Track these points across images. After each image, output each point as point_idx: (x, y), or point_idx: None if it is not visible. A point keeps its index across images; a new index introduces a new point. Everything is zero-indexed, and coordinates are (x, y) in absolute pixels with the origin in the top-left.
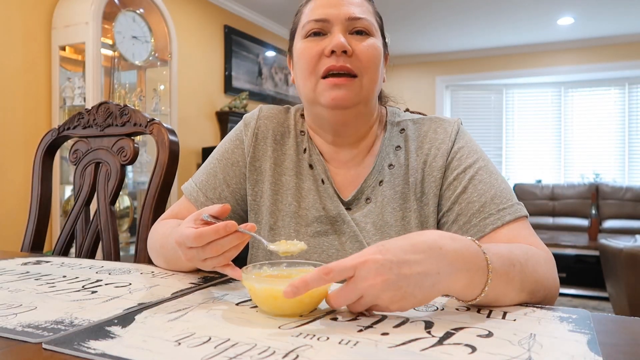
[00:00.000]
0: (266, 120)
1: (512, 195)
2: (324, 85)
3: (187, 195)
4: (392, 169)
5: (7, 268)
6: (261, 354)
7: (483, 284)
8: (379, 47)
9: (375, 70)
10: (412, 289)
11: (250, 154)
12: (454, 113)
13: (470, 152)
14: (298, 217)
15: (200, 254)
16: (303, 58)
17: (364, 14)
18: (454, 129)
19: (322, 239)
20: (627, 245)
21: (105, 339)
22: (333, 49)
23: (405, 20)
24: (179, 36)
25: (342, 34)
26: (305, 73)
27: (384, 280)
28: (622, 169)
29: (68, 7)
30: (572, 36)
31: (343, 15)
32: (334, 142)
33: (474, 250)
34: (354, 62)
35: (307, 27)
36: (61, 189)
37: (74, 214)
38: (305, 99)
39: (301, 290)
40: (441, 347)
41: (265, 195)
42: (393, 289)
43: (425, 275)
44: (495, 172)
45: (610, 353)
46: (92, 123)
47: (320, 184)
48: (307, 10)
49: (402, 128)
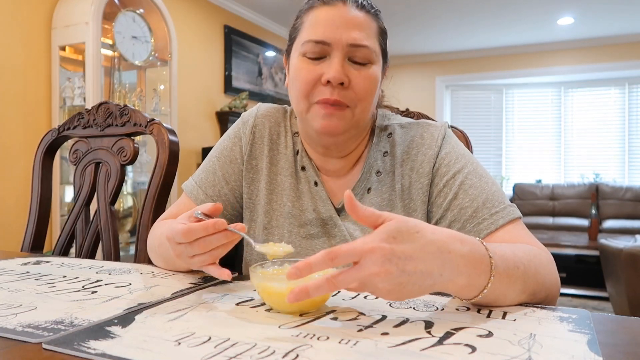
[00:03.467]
0: (264, 119)
1: (503, 197)
2: (316, 110)
3: (187, 192)
4: (380, 176)
5: (7, 268)
6: (261, 354)
7: (483, 286)
8: (376, 77)
9: (370, 100)
10: (412, 286)
11: (247, 152)
12: (453, 113)
13: (457, 156)
14: (292, 217)
15: (188, 250)
16: (299, 80)
17: (367, 40)
18: (440, 134)
19: (313, 242)
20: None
21: (105, 339)
22: (330, 80)
23: (405, 20)
24: (179, 36)
25: (341, 62)
26: (299, 95)
27: (387, 273)
28: (622, 169)
29: (68, 7)
30: (572, 36)
31: (345, 40)
32: (324, 154)
33: (481, 254)
34: (349, 93)
35: (306, 46)
36: (61, 189)
37: (74, 214)
38: (298, 115)
39: (304, 272)
40: (441, 347)
41: (261, 195)
42: (393, 283)
43: (427, 275)
44: (485, 175)
45: (610, 353)
46: (92, 123)
47: (313, 186)
48: (307, 20)
49: (389, 132)
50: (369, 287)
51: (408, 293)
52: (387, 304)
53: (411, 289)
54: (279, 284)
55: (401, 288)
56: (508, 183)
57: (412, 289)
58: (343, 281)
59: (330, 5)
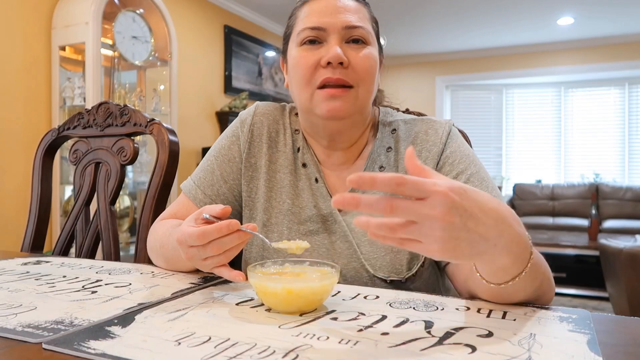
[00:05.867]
0: (262, 117)
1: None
2: (320, 96)
3: (186, 192)
4: (383, 171)
5: (7, 268)
6: (261, 354)
7: (517, 274)
8: (375, 57)
9: (371, 80)
10: (466, 244)
11: (246, 151)
12: (453, 113)
13: (462, 157)
14: (291, 214)
15: (201, 253)
16: (299, 67)
17: (361, 22)
18: (445, 131)
19: (313, 238)
20: (627, 245)
21: (105, 339)
22: (329, 61)
23: (405, 20)
24: (179, 36)
25: (338, 44)
26: (301, 83)
27: (449, 222)
28: (622, 169)
29: (68, 7)
30: (572, 36)
31: (340, 23)
32: (328, 147)
33: (527, 241)
34: (350, 73)
35: (302, 34)
36: (61, 189)
37: (74, 214)
38: (301, 108)
39: (365, 184)
40: (441, 347)
41: (260, 192)
42: (451, 234)
43: (483, 240)
44: (487, 179)
45: (610, 353)
46: (92, 123)
47: (314, 183)
48: (302, 15)
49: (393, 128)
50: (424, 230)
51: (461, 251)
52: (387, 304)
53: (464, 247)
54: (276, 284)
55: (457, 243)
56: (508, 183)
57: (465, 248)
58: (405, 209)
59: None
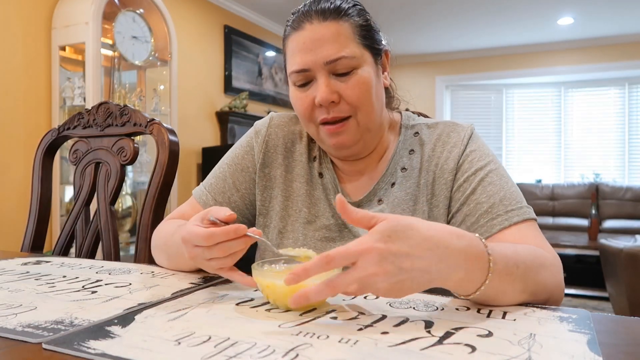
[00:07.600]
0: (277, 129)
1: (521, 198)
2: (324, 132)
3: (197, 197)
4: (405, 172)
5: (7, 268)
6: (261, 353)
7: (481, 282)
8: (366, 77)
9: (369, 102)
10: (410, 282)
11: (260, 161)
12: (454, 113)
13: (482, 155)
14: (307, 223)
15: (205, 254)
16: (297, 107)
17: (341, 50)
18: (467, 134)
19: (328, 244)
20: (627, 245)
21: (105, 339)
22: (320, 103)
23: (405, 20)
24: (179, 36)
25: (325, 82)
26: (304, 120)
27: (385, 272)
28: (622, 169)
29: (68, 7)
30: (572, 36)
31: (320, 60)
32: (344, 159)
33: (479, 250)
34: (344, 107)
35: (292, 77)
36: (61, 189)
37: (74, 214)
38: (311, 137)
39: (302, 277)
40: (441, 347)
41: (275, 201)
42: (392, 281)
43: (425, 272)
44: (506, 176)
45: (610, 353)
46: (92, 123)
47: (330, 193)
48: (289, 51)
49: (416, 131)
50: (368, 288)
51: (407, 290)
52: (387, 304)
53: (410, 285)
54: (282, 281)
55: (401, 286)
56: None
57: (411, 285)
58: (342, 284)
59: (299, 29)
